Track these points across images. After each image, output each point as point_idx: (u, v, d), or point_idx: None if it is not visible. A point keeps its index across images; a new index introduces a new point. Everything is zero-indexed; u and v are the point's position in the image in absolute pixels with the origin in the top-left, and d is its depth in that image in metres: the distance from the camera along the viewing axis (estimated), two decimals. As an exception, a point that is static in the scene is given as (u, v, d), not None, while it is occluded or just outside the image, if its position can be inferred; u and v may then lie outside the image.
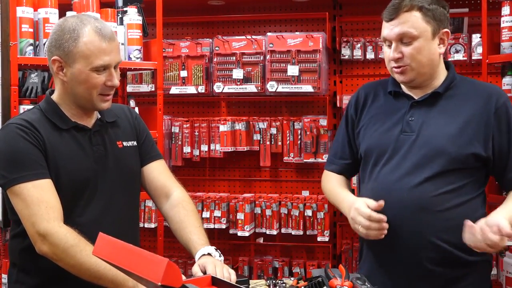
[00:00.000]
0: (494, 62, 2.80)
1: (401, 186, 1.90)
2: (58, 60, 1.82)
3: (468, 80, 2.07)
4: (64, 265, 1.74)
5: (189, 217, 1.99)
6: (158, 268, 1.25)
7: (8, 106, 2.67)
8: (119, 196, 1.94)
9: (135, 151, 2.03)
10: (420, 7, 1.89)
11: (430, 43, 1.91)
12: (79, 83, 1.82)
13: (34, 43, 2.74)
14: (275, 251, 3.84)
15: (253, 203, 3.67)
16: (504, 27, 2.66)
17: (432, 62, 1.94)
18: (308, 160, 3.60)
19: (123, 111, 2.07)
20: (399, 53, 1.91)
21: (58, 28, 1.84)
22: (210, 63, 3.68)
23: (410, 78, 1.95)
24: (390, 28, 1.92)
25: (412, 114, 1.97)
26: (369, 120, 2.06)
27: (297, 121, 3.66)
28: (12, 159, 1.78)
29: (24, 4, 2.70)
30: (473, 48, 3.42)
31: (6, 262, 3.05)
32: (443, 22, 1.94)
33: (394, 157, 1.95)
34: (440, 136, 1.90)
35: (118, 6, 3.08)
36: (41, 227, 1.73)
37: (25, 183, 1.75)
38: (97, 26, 1.81)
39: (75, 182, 1.84)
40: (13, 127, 1.81)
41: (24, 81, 3.39)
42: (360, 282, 1.70)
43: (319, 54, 3.51)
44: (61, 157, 1.82)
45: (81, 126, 1.89)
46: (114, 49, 1.83)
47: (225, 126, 3.64)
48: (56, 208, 1.76)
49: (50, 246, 1.73)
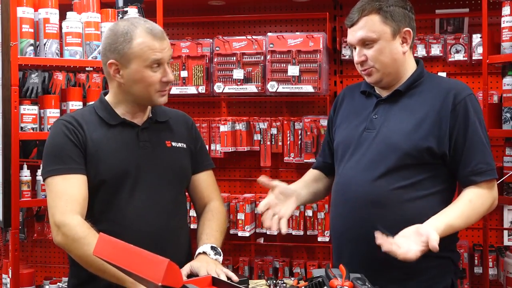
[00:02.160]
0: (494, 62, 2.80)
1: (358, 181, 1.96)
2: (114, 63, 1.90)
3: (435, 77, 2.09)
4: (73, 256, 1.85)
5: (211, 221, 2.08)
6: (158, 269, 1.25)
7: (8, 106, 2.67)
8: (164, 192, 1.99)
9: (185, 153, 2.09)
10: (378, 10, 1.95)
11: (391, 43, 1.96)
12: (136, 82, 1.91)
13: (35, 43, 2.74)
14: (276, 251, 3.84)
15: (253, 203, 3.67)
16: (505, 27, 2.66)
17: (396, 61, 1.98)
18: (308, 160, 3.59)
19: (180, 116, 2.16)
20: (362, 56, 1.98)
21: (111, 33, 1.93)
22: (210, 63, 3.67)
23: (376, 79, 2.00)
24: (353, 33, 1.99)
25: (376, 112, 2.02)
26: (341, 119, 2.15)
27: (297, 121, 3.65)
28: (51, 153, 1.91)
29: (24, 4, 2.70)
30: (473, 48, 3.42)
31: (6, 262, 3.06)
32: (404, 22, 1.97)
33: (356, 153, 2.01)
34: (396, 133, 1.95)
35: (118, 6, 3.08)
36: (57, 218, 1.83)
37: (56, 176, 1.87)
38: (148, 26, 1.90)
39: (116, 174, 1.91)
40: (60, 123, 1.94)
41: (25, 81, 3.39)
42: (361, 282, 1.70)
43: (319, 54, 3.51)
44: (103, 151, 1.91)
45: (128, 122, 1.98)
46: (165, 47, 1.91)
47: (226, 126, 3.63)
48: (76, 201, 1.85)
49: (62, 237, 1.82)
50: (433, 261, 1.93)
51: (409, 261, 1.72)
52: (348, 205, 1.99)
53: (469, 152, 1.93)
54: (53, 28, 2.75)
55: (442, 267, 1.98)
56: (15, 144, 2.67)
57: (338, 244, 2.09)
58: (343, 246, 2.04)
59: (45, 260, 4.03)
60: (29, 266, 3.34)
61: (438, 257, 1.94)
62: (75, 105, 2.86)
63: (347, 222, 1.99)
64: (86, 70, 3.32)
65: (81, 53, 2.82)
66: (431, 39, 3.51)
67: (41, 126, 2.83)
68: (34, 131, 2.79)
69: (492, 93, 3.23)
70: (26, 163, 2.93)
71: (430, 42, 3.51)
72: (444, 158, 1.94)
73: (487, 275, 3.09)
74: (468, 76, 3.57)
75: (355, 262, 1.91)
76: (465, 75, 3.58)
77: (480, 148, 1.93)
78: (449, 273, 2.01)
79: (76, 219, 1.82)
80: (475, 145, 1.93)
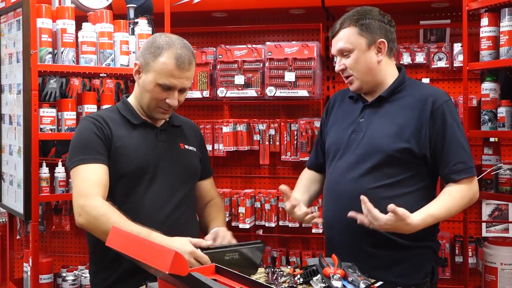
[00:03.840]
0: (474, 69, 2.79)
1: (345, 179, 1.99)
2: (138, 65, 1.96)
3: (416, 84, 2.09)
4: (97, 234, 1.82)
5: (219, 213, 2.16)
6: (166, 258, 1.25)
7: (29, 109, 2.67)
8: (179, 189, 2.01)
9: (195, 156, 2.12)
10: (355, 22, 1.97)
11: (366, 53, 1.98)
12: (145, 90, 1.95)
13: (53, 51, 2.74)
14: (274, 242, 3.83)
15: (253, 198, 3.67)
16: (483, 37, 2.65)
17: (371, 70, 1.99)
18: (303, 159, 3.59)
19: (191, 124, 2.22)
20: (341, 65, 2.01)
21: (151, 40, 1.97)
22: (214, 70, 3.67)
23: (357, 86, 2.02)
24: (334, 44, 2.03)
25: (363, 116, 2.03)
26: (332, 122, 2.16)
27: (293, 123, 3.65)
28: (78, 145, 1.93)
29: (43, 16, 2.70)
30: (454, 56, 3.42)
31: (27, 252, 3.05)
32: (379, 33, 1.98)
33: (345, 154, 2.03)
34: (380, 135, 1.96)
35: (129, 18, 3.08)
36: (80, 201, 1.83)
37: (81, 165, 1.87)
38: (179, 53, 1.91)
39: (136, 169, 1.93)
40: (87, 120, 1.96)
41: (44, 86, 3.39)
42: (351, 270, 1.70)
43: (313, 62, 3.50)
44: (126, 147, 1.93)
45: (149, 123, 2.01)
46: (184, 76, 1.92)
47: (228, 127, 3.63)
48: (98, 186, 1.84)
49: (85, 217, 1.81)
50: (415, 250, 1.95)
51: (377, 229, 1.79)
52: (336, 201, 2.02)
53: (447, 153, 1.93)
54: (69, 37, 2.75)
55: (423, 256, 1.99)
56: (35, 144, 2.67)
57: (330, 236, 2.10)
58: (334, 238, 2.06)
59: (62, 250, 4.02)
60: (47, 256, 3.33)
61: (419, 247, 1.96)
62: (90, 108, 2.85)
63: (336, 216, 2.01)
64: (100, 76, 3.32)
65: (96, 60, 2.82)
66: (416, 48, 3.51)
67: (58, 128, 2.82)
68: (52, 132, 2.78)
69: (472, 97, 3.23)
70: (45, 161, 2.92)
71: (415, 50, 3.51)
72: (425, 159, 1.94)
73: (467, 263, 3.09)
74: (449, 82, 3.57)
75: (344, 251, 1.92)
76: (447, 81, 3.58)
77: (457, 149, 1.94)
78: (430, 260, 2.01)
79: (97, 200, 1.81)
80: (453, 147, 1.93)
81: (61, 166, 2.88)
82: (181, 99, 1.98)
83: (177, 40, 1.95)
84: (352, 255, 1.90)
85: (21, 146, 2.74)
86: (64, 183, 2.87)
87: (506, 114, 2.62)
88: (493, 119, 2.68)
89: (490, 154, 2.78)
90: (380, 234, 1.87)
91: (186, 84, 1.94)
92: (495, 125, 2.67)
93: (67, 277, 3.33)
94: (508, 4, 2.54)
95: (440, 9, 3.50)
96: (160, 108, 1.96)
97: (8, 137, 2.96)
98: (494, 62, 2.61)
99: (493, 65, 2.64)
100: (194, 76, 3.57)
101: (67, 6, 2.83)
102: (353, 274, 1.67)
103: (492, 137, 2.94)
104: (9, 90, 2.92)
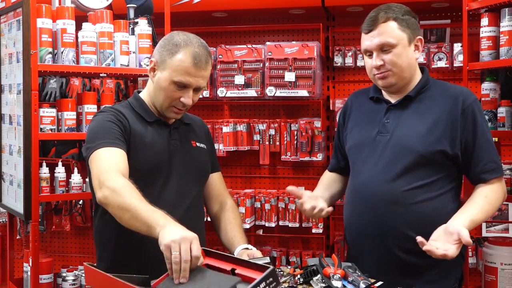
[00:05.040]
0: (474, 69, 2.79)
1: (375, 182, 1.92)
2: (153, 62, 1.93)
3: (440, 83, 2.07)
4: (112, 208, 1.71)
5: (236, 220, 2.12)
6: None
7: (29, 109, 2.67)
8: (192, 186, 2.00)
9: (206, 153, 2.11)
10: (395, 17, 1.92)
11: (407, 49, 1.93)
12: (160, 88, 1.92)
13: (53, 51, 2.74)
14: (274, 242, 3.83)
15: (253, 198, 3.66)
16: (483, 37, 2.65)
17: (410, 66, 1.96)
18: (303, 159, 3.59)
19: (199, 121, 2.20)
20: (381, 61, 1.93)
21: (168, 37, 1.94)
22: (214, 70, 3.66)
23: (391, 82, 1.95)
24: (370, 39, 1.93)
25: (388, 116, 1.98)
26: (353, 124, 2.10)
27: (293, 123, 3.65)
28: (96, 132, 1.86)
29: (43, 16, 2.70)
30: (454, 56, 3.42)
31: (27, 251, 3.05)
32: (416, 30, 1.96)
33: (372, 155, 1.97)
34: (410, 136, 1.91)
35: (130, 18, 3.08)
36: (101, 177, 1.74)
37: (101, 148, 1.80)
38: (196, 51, 1.87)
39: (152, 165, 1.90)
40: (107, 111, 1.93)
41: (44, 86, 3.39)
42: (351, 270, 1.70)
43: (313, 62, 3.50)
44: (142, 143, 1.90)
45: (162, 121, 1.99)
46: (200, 75, 1.89)
47: (228, 127, 3.63)
48: (119, 164, 1.78)
49: (104, 191, 1.71)
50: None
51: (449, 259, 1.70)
52: (365, 204, 1.94)
53: (478, 152, 1.90)
54: (70, 37, 2.75)
55: (453, 260, 1.89)
56: (35, 144, 2.67)
57: (355, 242, 2.03)
58: (362, 242, 1.98)
59: (62, 250, 4.02)
60: (47, 256, 3.33)
61: None
62: (90, 108, 2.85)
63: (364, 220, 1.94)
64: (100, 76, 3.32)
65: (96, 60, 2.82)
66: (416, 48, 3.51)
67: (58, 128, 2.82)
68: (53, 132, 2.78)
69: (472, 97, 3.23)
70: (45, 161, 2.93)
71: (415, 50, 3.51)
72: (456, 159, 1.91)
73: (467, 263, 3.09)
74: (449, 82, 3.56)
75: (372, 257, 1.89)
76: (447, 81, 3.57)
77: (488, 148, 1.92)
78: (459, 266, 1.97)
79: (118, 176, 1.72)
80: (484, 146, 1.91)
81: (61, 166, 2.88)
82: (195, 99, 1.95)
83: (195, 39, 1.93)
84: (382, 260, 1.88)
85: (21, 146, 2.74)
86: (64, 183, 2.87)
87: (506, 114, 2.62)
88: (493, 119, 2.68)
89: (490, 154, 2.77)
90: (412, 239, 1.78)
91: (202, 83, 1.92)
92: (495, 125, 2.67)
93: (67, 277, 3.32)
94: (508, 4, 2.54)
95: (440, 9, 3.49)
96: (174, 108, 1.93)
97: (8, 137, 2.96)
98: (494, 62, 2.61)
99: (493, 65, 2.64)
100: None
101: (67, 6, 2.83)
102: (353, 274, 1.67)
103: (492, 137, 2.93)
104: (9, 90, 2.92)
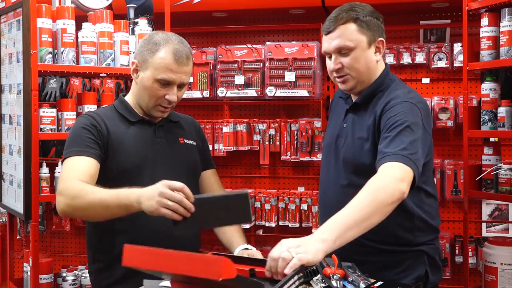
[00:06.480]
0: (474, 69, 2.79)
1: (331, 186, 1.96)
2: (135, 63, 1.96)
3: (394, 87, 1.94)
4: (78, 213, 1.78)
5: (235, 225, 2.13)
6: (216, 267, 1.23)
7: (29, 109, 2.67)
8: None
9: (196, 150, 2.11)
10: (355, 19, 1.86)
11: (366, 52, 1.88)
12: (144, 88, 1.94)
13: (53, 51, 2.74)
14: (274, 242, 3.79)
15: (253, 198, 3.66)
16: (483, 37, 2.65)
17: (369, 69, 1.91)
18: (303, 159, 3.59)
19: (189, 118, 2.20)
20: (338, 64, 1.89)
21: (147, 38, 1.96)
22: (214, 70, 3.67)
23: (351, 86, 1.92)
24: (329, 41, 1.89)
25: (346, 120, 1.97)
26: (328, 125, 2.13)
27: (293, 123, 3.65)
28: (71, 140, 1.91)
29: (43, 16, 2.70)
30: (454, 56, 3.42)
31: (27, 251, 3.05)
32: (378, 32, 1.90)
33: (331, 159, 1.98)
34: (350, 148, 1.91)
35: (130, 18, 3.08)
36: (59, 186, 1.81)
37: (71, 157, 1.86)
38: (176, 48, 1.90)
39: (135, 166, 1.92)
40: (83, 117, 1.97)
41: (44, 86, 3.39)
42: (351, 270, 1.69)
43: (313, 62, 3.50)
44: (124, 144, 1.92)
45: (146, 120, 2.00)
46: (182, 71, 1.91)
47: (228, 127, 3.63)
48: (82, 173, 1.81)
49: (64, 200, 1.77)
50: (406, 254, 1.91)
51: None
52: (325, 208, 1.98)
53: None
54: (70, 37, 2.75)
55: (415, 259, 1.92)
56: (35, 144, 2.67)
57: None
58: None
59: (62, 250, 4.02)
60: (47, 256, 3.34)
61: (411, 251, 1.91)
62: (90, 108, 2.85)
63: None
64: (100, 76, 3.32)
65: (96, 60, 2.82)
66: (416, 48, 3.51)
67: (59, 127, 2.82)
68: (53, 132, 2.78)
69: (472, 97, 3.23)
70: (45, 161, 2.93)
71: (415, 50, 3.50)
72: None
73: (467, 263, 3.09)
74: (449, 82, 3.57)
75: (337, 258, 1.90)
76: (447, 81, 3.58)
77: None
78: (422, 264, 1.93)
79: (76, 182, 1.77)
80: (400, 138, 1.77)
81: (61, 166, 2.87)
82: (180, 95, 1.96)
83: (174, 36, 1.95)
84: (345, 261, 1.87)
85: (21, 146, 2.74)
86: (64, 183, 2.87)
87: (506, 114, 2.62)
88: (493, 119, 2.68)
89: (490, 154, 2.77)
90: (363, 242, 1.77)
91: (185, 79, 1.93)
92: (495, 125, 2.68)
93: (67, 277, 3.33)
94: (508, 4, 2.54)
95: (440, 9, 3.49)
96: (160, 106, 1.95)
97: (8, 137, 2.96)
98: (494, 62, 2.61)
99: (493, 65, 2.64)
100: (193, 74, 3.60)
101: (67, 6, 2.83)
102: (353, 274, 1.67)
103: (492, 137, 2.94)
104: (9, 90, 2.92)
